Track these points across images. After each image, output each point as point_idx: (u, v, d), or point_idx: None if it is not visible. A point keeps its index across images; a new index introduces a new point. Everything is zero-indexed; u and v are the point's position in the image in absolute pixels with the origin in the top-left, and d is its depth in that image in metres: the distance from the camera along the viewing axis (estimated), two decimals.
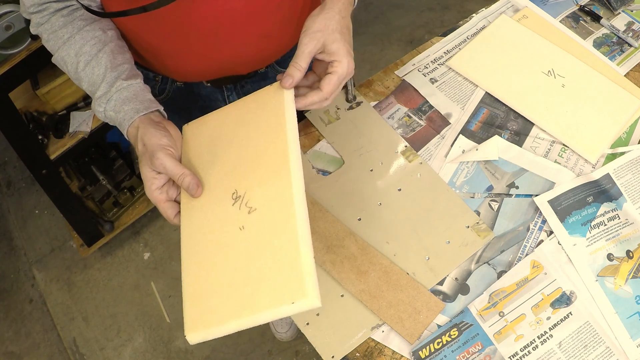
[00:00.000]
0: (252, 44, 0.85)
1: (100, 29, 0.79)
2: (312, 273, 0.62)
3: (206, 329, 0.66)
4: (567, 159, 0.90)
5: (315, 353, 0.77)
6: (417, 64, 1.04)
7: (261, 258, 0.65)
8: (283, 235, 0.65)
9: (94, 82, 0.77)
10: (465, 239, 0.83)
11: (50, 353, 1.81)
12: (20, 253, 2.03)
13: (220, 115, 0.79)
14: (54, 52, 0.80)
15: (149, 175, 0.71)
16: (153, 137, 0.72)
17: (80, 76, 0.78)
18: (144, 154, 0.72)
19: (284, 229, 0.65)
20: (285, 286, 0.62)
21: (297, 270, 0.62)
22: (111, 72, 0.77)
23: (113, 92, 0.76)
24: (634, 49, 1.02)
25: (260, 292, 0.64)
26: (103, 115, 0.78)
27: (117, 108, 0.75)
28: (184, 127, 0.81)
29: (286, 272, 0.63)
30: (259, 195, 0.68)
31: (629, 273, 0.79)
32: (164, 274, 1.90)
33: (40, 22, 0.79)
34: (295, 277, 0.62)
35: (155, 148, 0.71)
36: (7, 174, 2.22)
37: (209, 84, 0.94)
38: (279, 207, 0.66)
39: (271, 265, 0.64)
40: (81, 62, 0.77)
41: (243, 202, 0.69)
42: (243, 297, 0.65)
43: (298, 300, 0.61)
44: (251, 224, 0.68)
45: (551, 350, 0.74)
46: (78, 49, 0.77)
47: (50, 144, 1.60)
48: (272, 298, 0.62)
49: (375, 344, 0.77)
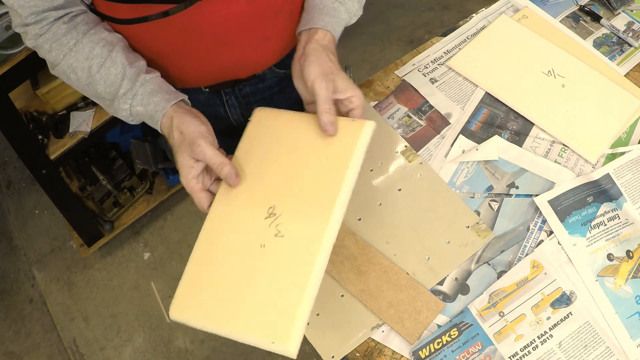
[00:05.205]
0: (253, 48, 0.85)
1: (106, 29, 0.79)
2: (303, 324, 0.63)
3: (188, 317, 0.69)
4: (567, 159, 0.90)
5: (315, 353, 0.77)
6: (417, 64, 1.04)
7: (266, 284, 0.66)
8: (295, 277, 0.65)
9: (113, 82, 0.76)
10: (465, 239, 0.83)
11: (50, 353, 1.81)
12: (20, 253, 2.03)
13: (296, 118, 0.77)
14: (57, 62, 0.77)
15: (188, 163, 0.71)
16: (191, 125, 0.71)
17: (95, 79, 0.76)
18: (182, 142, 0.71)
19: (298, 271, 0.65)
20: (275, 323, 0.63)
21: (291, 316, 0.63)
22: (130, 69, 0.75)
23: (138, 86, 0.75)
24: (634, 49, 1.02)
25: (250, 315, 0.65)
26: (128, 112, 0.76)
27: (146, 101, 0.75)
28: (256, 110, 0.80)
29: (281, 310, 0.64)
30: (292, 225, 0.68)
31: (629, 273, 0.79)
32: (164, 274, 1.90)
33: (39, 33, 0.76)
34: (287, 320, 0.63)
35: (196, 135, 0.70)
36: (7, 174, 2.22)
37: (207, 89, 0.93)
38: (304, 248, 0.66)
39: (272, 296, 0.65)
40: (94, 65, 0.75)
41: (275, 222, 0.69)
42: (234, 310, 0.66)
43: (278, 343, 0.62)
44: (273, 247, 0.68)
45: (551, 350, 0.74)
46: (88, 52, 0.76)
47: (50, 144, 1.60)
48: (258, 327, 0.64)
49: (375, 344, 0.77)
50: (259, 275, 0.67)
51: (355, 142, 0.71)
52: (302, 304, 0.63)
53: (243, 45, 0.83)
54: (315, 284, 0.64)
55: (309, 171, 0.72)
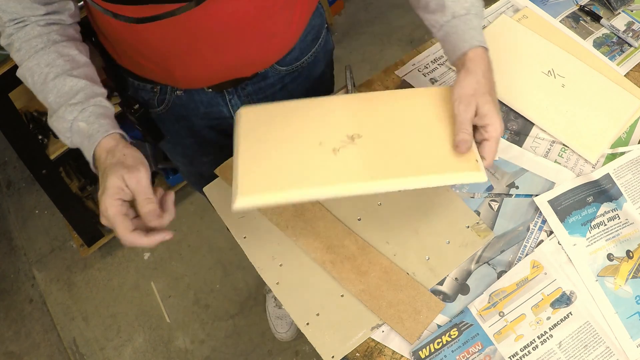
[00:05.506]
0: (257, 45, 0.85)
1: (76, 49, 0.77)
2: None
3: (258, 193, 0.70)
4: (567, 159, 0.90)
5: (315, 353, 0.77)
6: (417, 64, 1.04)
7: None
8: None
9: (66, 92, 0.73)
10: (465, 239, 0.83)
11: (50, 353, 1.81)
12: (20, 253, 2.03)
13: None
14: (22, 62, 0.76)
15: (119, 184, 0.67)
16: (137, 153, 0.71)
17: (48, 87, 0.74)
18: (118, 164, 0.69)
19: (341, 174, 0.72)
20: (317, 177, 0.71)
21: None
22: (92, 87, 0.74)
23: (90, 104, 0.73)
24: (634, 49, 1.02)
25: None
26: (69, 125, 0.72)
27: (92, 120, 0.72)
28: (242, 109, 0.81)
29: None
30: (351, 153, 0.73)
31: (629, 273, 0.79)
32: (164, 274, 1.90)
33: (11, 33, 0.76)
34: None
35: (139, 162, 0.69)
36: (7, 174, 2.22)
37: (209, 89, 0.93)
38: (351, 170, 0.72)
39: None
40: (51, 73, 0.74)
41: (339, 141, 0.74)
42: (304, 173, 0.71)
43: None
44: (329, 147, 0.73)
45: (551, 350, 0.74)
46: (51, 60, 0.74)
47: (50, 144, 1.60)
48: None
49: (375, 344, 0.77)
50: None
51: (450, 170, 0.71)
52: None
53: (249, 42, 0.83)
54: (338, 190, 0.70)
55: (409, 139, 0.74)
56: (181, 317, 1.81)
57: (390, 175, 0.70)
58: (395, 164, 0.71)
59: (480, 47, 0.77)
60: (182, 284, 1.86)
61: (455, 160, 0.71)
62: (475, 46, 0.76)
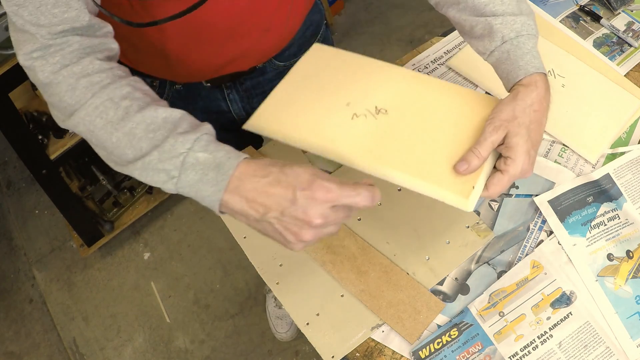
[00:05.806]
0: (255, 39, 0.85)
1: (144, 83, 0.66)
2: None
3: (267, 124, 0.73)
4: (567, 159, 0.90)
5: (315, 353, 0.77)
6: (417, 64, 1.04)
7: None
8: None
9: (160, 125, 0.59)
10: (465, 239, 0.83)
11: (50, 353, 1.82)
12: (20, 253, 2.03)
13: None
14: (83, 101, 0.61)
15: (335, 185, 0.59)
16: (294, 165, 0.59)
17: (134, 118, 0.60)
18: (312, 177, 0.58)
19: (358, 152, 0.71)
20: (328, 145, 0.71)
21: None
22: (188, 115, 0.62)
23: (204, 131, 0.60)
24: (634, 49, 1.02)
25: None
26: (180, 160, 0.58)
27: (212, 147, 0.59)
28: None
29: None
30: (372, 123, 0.73)
31: (629, 273, 0.79)
32: (164, 274, 1.90)
33: (64, 63, 0.61)
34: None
35: (309, 173, 0.58)
36: (7, 174, 2.22)
37: (208, 83, 0.94)
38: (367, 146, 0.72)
39: None
40: (134, 105, 0.61)
41: (366, 110, 0.74)
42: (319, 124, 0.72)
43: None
44: (350, 112, 0.73)
45: (551, 350, 0.74)
46: (126, 93, 0.62)
47: (50, 144, 1.60)
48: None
49: (375, 344, 0.77)
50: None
51: (439, 184, 0.66)
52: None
53: (245, 37, 0.84)
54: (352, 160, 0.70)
55: (425, 127, 0.71)
56: (181, 317, 1.81)
57: (385, 163, 0.68)
58: (397, 154, 0.69)
59: (537, 74, 0.68)
60: (182, 284, 1.87)
61: (452, 176, 0.66)
62: (531, 73, 0.68)
